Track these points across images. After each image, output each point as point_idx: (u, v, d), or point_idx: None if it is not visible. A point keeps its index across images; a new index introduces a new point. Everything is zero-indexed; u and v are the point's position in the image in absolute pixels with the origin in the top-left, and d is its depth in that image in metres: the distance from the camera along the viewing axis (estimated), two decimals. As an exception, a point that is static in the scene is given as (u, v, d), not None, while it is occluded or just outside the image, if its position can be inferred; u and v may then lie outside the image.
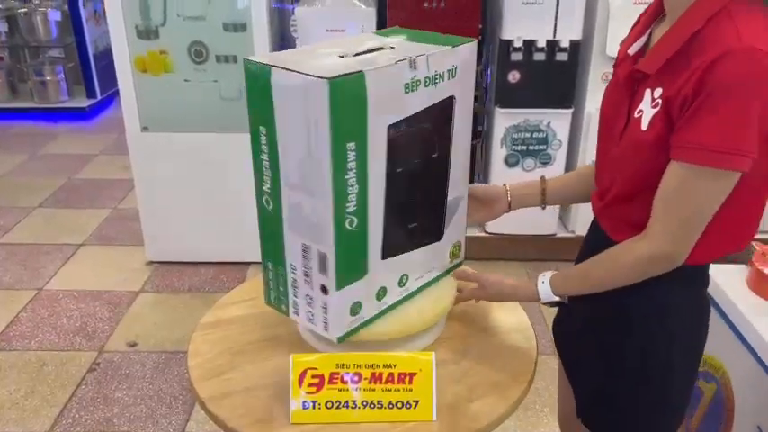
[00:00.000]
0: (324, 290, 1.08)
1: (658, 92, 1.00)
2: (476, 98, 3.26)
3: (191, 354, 1.25)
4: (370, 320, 1.16)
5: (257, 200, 1.11)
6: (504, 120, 3.03)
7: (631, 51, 1.11)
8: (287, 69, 0.95)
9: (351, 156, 0.97)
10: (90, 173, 4.42)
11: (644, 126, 1.02)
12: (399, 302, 1.20)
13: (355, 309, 1.12)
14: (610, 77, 1.19)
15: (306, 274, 1.09)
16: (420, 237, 1.21)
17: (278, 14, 3.13)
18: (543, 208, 1.36)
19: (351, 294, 1.09)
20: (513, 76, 2.95)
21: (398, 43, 1.10)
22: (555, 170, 3.10)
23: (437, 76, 1.06)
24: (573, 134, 3.05)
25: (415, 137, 1.11)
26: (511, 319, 1.34)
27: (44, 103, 5.46)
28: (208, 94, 2.89)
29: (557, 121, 3.01)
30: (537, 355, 1.24)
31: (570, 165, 3.14)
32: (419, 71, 1.03)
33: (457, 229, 1.27)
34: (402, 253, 1.16)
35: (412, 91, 1.03)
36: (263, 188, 1.09)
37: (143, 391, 2.39)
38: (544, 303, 1.18)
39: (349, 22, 2.84)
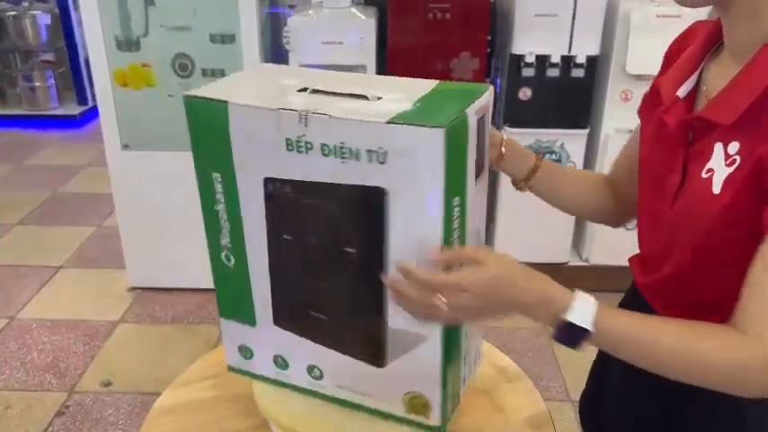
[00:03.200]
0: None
1: (734, 146, 0.79)
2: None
3: (136, 452, 1.04)
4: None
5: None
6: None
7: (681, 93, 0.89)
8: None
9: (218, 187, 0.95)
10: (76, 186, 4.20)
11: (716, 189, 0.80)
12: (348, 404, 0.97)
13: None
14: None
15: None
16: (334, 338, 0.95)
17: (271, 23, 2.90)
18: (518, 188, 1.09)
19: (235, 332, 1.02)
20: (524, 93, 2.73)
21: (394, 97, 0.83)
22: (568, 194, 2.87)
23: (344, 150, 0.78)
24: (588, 156, 2.81)
25: (310, 211, 0.86)
26: (525, 406, 1.11)
27: (33, 110, 5.26)
28: (193, 110, 2.68)
29: (571, 142, 2.78)
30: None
31: (585, 189, 2.90)
32: (310, 131, 0.79)
33: (417, 375, 0.90)
34: (306, 336, 0.97)
35: (298, 151, 0.80)
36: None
37: (114, 441, 2.18)
38: (563, 335, 0.79)
39: (347, 33, 2.62)
